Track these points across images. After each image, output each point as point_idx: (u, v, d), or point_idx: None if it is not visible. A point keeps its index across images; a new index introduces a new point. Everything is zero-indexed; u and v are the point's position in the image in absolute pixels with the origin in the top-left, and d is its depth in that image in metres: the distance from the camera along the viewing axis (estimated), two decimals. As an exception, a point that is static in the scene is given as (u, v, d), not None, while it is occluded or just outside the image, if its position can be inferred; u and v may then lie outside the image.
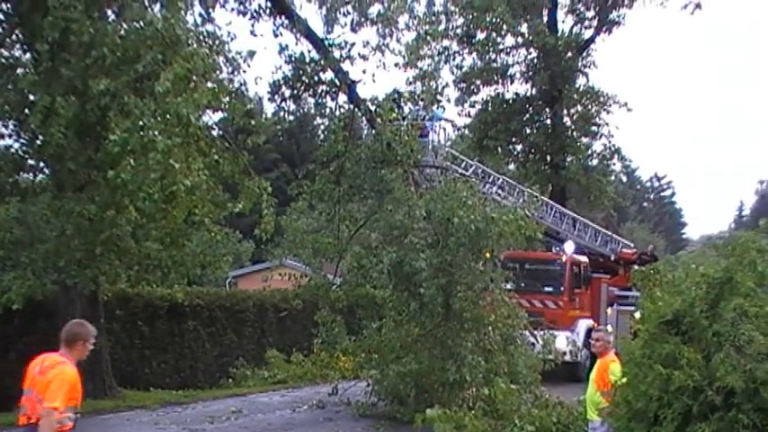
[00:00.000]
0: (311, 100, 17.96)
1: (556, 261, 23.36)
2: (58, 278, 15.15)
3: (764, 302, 7.46)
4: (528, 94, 33.35)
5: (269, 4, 16.65)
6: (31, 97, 13.73)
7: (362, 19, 16.37)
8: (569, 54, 31.73)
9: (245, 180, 15.63)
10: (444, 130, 20.11)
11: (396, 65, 17.11)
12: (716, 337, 7.24)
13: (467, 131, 34.17)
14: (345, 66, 16.79)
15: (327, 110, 17.85)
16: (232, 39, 14.87)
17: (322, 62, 16.85)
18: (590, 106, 33.12)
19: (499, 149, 33.72)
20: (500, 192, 20.98)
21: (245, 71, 15.14)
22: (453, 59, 32.77)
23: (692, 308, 7.47)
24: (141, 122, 12.13)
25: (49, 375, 7.06)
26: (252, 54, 15.10)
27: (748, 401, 6.86)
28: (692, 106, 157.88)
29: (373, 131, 16.84)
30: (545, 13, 32.44)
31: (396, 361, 15.33)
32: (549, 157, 33.35)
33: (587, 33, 32.73)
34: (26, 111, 13.93)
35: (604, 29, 32.46)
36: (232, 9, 16.41)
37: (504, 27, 31.88)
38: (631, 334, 12.53)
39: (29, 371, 7.27)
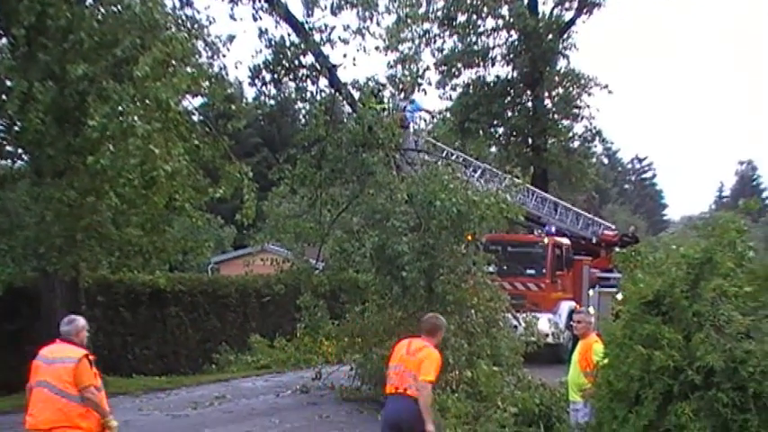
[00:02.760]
0: (292, 84, 17.87)
1: (538, 243, 23.42)
2: (39, 265, 15.06)
3: (743, 282, 7.51)
4: (509, 76, 33.29)
5: (248, -12, 16.52)
6: (8, 83, 13.57)
7: (342, 2, 16.28)
8: (550, 36, 31.66)
9: (226, 165, 15.56)
10: (425, 120, 20.13)
11: (376, 48, 17.05)
12: (696, 318, 7.30)
13: (448, 114, 34.14)
14: (326, 49, 16.70)
15: (308, 94, 17.74)
16: (211, 23, 14.83)
17: (302, 46, 16.75)
18: (571, 88, 33.12)
19: (481, 132, 33.65)
20: (480, 180, 20.99)
21: (224, 55, 15.11)
22: (434, 42, 32.69)
23: (673, 288, 7.52)
24: (120, 107, 12.05)
25: (420, 356, 8.47)
26: (231, 38, 15.05)
27: (728, 380, 6.92)
28: (672, 87, 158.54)
29: (354, 115, 16.79)
30: (525, -6, 32.38)
31: (379, 344, 15.34)
32: (530, 140, 33.36)
33: (568, 15, 32.70)
34: (3, 96, 13.77)
35: (585, 10, 32.43)
36: (211, -8, 16.31)
37: (485, 9, 31.84)
38: (613, 315, 12.61)
39: (396, 350, 8.86)
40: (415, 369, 8.37)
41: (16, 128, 14.21)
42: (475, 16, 32.16)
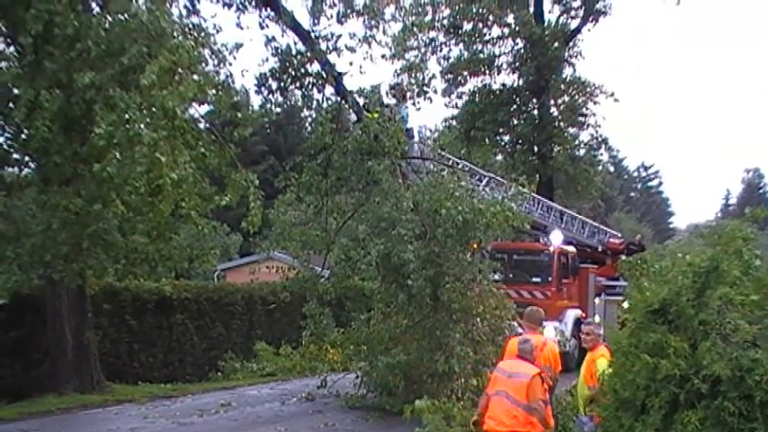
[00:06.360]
0: (298, 92, 17.91)
1: (543, 251, 23.36)
2: (45, 272, 15.10)
3: (750, 291, 7.49)
4: (515, 84, 33.30)
5: (254, -4, 16.57)
6: (16, 91, 13.64)
7: (349, 10, 16.33)
8: (556, 44, 31.70)
9: (232, 173, 15.58)
10: (430, 130, 20.17)
11: (383, 56, 17.13)
12: (702, 326, 7.28)
13: (454, 122, 34.19)
14: (332, 58, 16.75)
15: (314, 102, 17.79)
16: (218, 31, 14.85)
17: (308, 54, 16.79)
18: (577, 96, 33.12)
19: (486, 140, 33.70)
20: (486, 190, 20.98)
21: (231, 63, 15.15)
22: (440, 50, 32.76)
23: (679, 297, 7.50)
24: (127, 115, 12.07)
25: (549, 350, 10.70)
26: (238, 46, 15.09)
27: (734, 389, 6.89)
28: (678, 95, 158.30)
29: (360, 123, 16.81)
30: (531, 3, 32.40)
31: (384, 352, 15.32)
32: (536, 148, 33.33)
33: (574, 23, 32.74)
34: (10, 104, 13.85)
35: (591, 19, 32.44)
36: (217, 1, 16.32)
37: (491, 17, 31.91)
38: (619, 323, 12.56)
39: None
40: (548, 362, 10.41)
41: (23, 136, 14.29)
42: (481, 24, 32.23)
